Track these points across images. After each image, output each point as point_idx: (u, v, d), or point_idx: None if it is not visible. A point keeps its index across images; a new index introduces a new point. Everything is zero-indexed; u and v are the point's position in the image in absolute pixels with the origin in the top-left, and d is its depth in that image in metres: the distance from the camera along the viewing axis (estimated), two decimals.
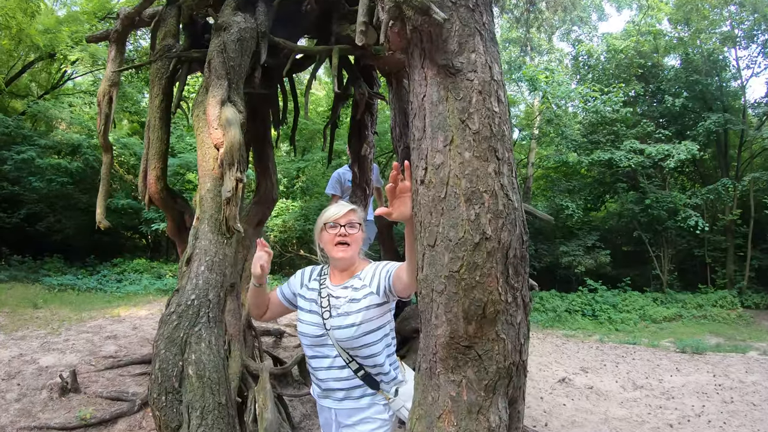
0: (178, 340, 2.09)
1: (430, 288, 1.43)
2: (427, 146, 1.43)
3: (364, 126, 4.49)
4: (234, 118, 2.49)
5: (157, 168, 3.79)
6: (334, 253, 2.03)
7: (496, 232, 1.37)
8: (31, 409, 4.47)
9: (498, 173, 1.39)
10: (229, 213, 2.32)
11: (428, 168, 1.42)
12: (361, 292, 2.02)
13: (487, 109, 1.41)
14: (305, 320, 2.03)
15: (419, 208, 1.47)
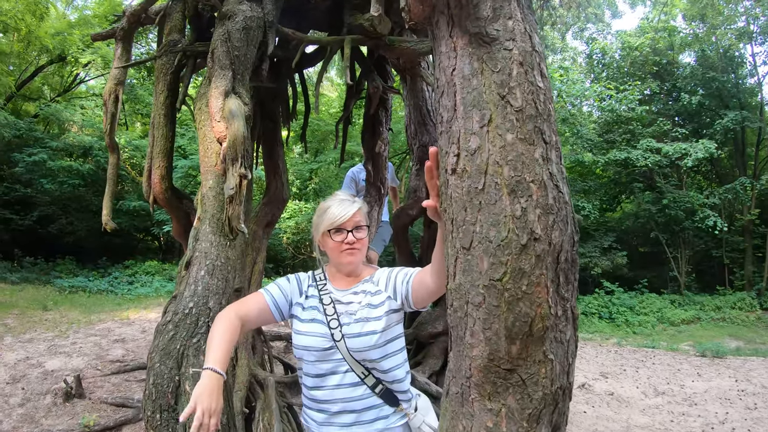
0: (175, 353, 1.88)
1: (465, 300, 1.19)
2: (459, 128, 1.19)
3: (378, 122, 4.27)
4: (238, 110, 2.29)
5: (162, 167, 3.64)
6: (341, 259, 1.81)
7: (546, 232, 1.14)
8: (35, 415, 4.36)
9: (546, 159, 1.16)
10: (232, 212, 2.12)
11: (461, 154, 1.18)
12: (378, 297, 1.81)
13: (530, 83, 1.18)
14: (307, 332, 1.75)
15: (450, 203, 1.23)
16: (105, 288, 11.18)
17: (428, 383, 4.68)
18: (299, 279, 1.89)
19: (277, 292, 1.81)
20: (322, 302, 1.80)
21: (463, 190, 1.18)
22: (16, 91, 13.31)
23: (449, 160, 1.22)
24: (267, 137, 4.42)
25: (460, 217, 1.19)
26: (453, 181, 1.21)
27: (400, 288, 1.79)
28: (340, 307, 1.80)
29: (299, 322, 1.79)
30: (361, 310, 1.77)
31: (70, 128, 14.75)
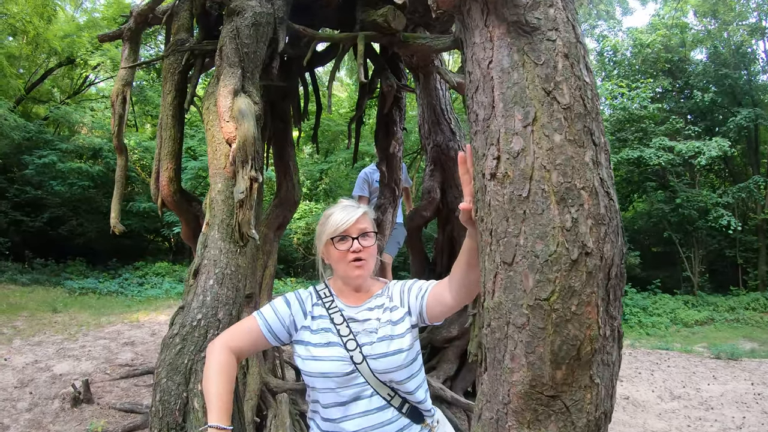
0: (182, 368, 1.77)
1: (505, 320, 1.07)
2: (499, 127, 1.07)
3: (392, 121, 4.14)
4: (248, 109, 2.17)
5: (170, 169, 3.54)
6: (349, 272, 1.64)
7: (598, 245, 1.01)
8: (42, 420, 4.31)
9: (596, 163, 1.03)
10: (242, 217, 2.00)
11: (502, 157, 1.05)
12: (397, 313, 1.67)
13: (576, 78, 1.05)
14: (324, 357, 1.56)
15: (488, 212, 1.10)
16: (115, 289, 11.16)
17: (443, 389, 4.56)
18: (300, 299, 1.70)
19: (272, 317, 1.63)
20: (333, 322, 1.62)
21: (504, 197, 1.05)
22: (25, 93, 13.36)
23: (487, 164, 1.09)
24: (277, 138, 4.31)
25: (501, 228, 1.06)
26: (492, 187, 1.08)
27: (415, 303, 1.66)
28: (355, 325, 1.63)
29: (312, 347, 1.60)
30: (383, 328, 1.62)
31: (80, 130, 14.78)
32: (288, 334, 1.64)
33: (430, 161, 4.99)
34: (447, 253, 5.09)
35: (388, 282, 1.80)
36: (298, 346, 1.63)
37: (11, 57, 12.61)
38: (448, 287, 1.58)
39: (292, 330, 1.64)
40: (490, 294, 1.11)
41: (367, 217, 1.70)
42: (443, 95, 5.09)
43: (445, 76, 2.60)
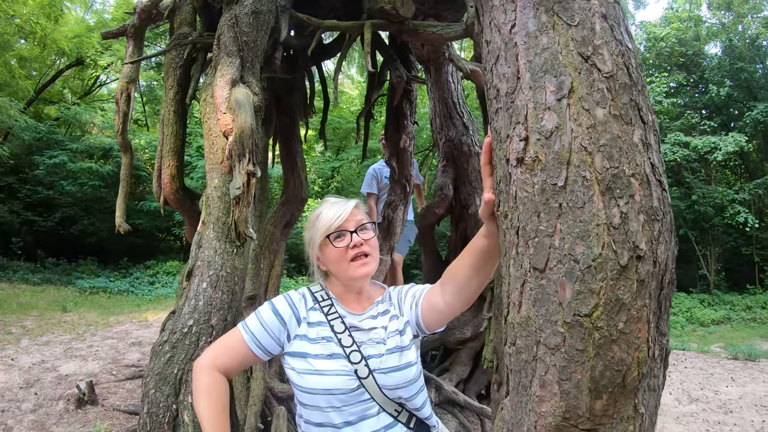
0: (171, 378, 1.61)
1: (535, 339, 0.88)
2: (526, 101, 0.88)
3: (402, 114, 3.97)
4: (245, 99, 2.02)
5: (172, 166, 3.44)
6: (352, 272, 1.44)
7: (651, 246, 0.83)
8: (46, 422, 4.22)
9: (646, 145, 0.85)
10: (238, 215, 1.84)
11: (531, 137, 0.87)
12: (401, 321, 1.48)
13: (618, 43, 0.87)
14: (327, 371, 1.36)
15: (514, 206, 0.92)
16: (126, 289, 11.14)
17: (455, 392, 4.41)
18: (292, 304, 1.48)
19: (259, 329, 1.42)
20: (334, 330, 1.42)
21: (535, 187, 0.86)
22: (35, 95, 13.41)
23: (513, 147, 0.90)
24: (284, 133, 4.18)
25: (530, 225, 0.87)
26: (519, 175, 0.89)
27: (410, 313, 1.48)
28: (358, 335, 1.43)
29: (313, 359, 1.39)
30: (392, 338, 1.43)
31: (90, 130, 14.83)
32: (279, 346, 1.44)
33: (443, 157, 4.83)
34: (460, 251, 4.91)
35: (387, 287, 1.62)
36: (293, 358, 1.42)
37: (22, 59, 12.66)
38: (441, 293, 1.41)
39: (284, 341, 1.44)
40: (516, 307, 0.92)
41: (360, 210, 1.53)
42: (455, 88, 4.92)
43: (458, 62, 2.43)
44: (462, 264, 1.33)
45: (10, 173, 12.98)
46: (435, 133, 4.99)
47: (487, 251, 1.25)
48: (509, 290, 0.96)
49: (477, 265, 1.29)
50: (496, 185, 1.02)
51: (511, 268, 0.95)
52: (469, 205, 4.71)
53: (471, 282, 1.33)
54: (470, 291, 1.36)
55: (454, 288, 1.37)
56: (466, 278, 1.33)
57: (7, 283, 10.21)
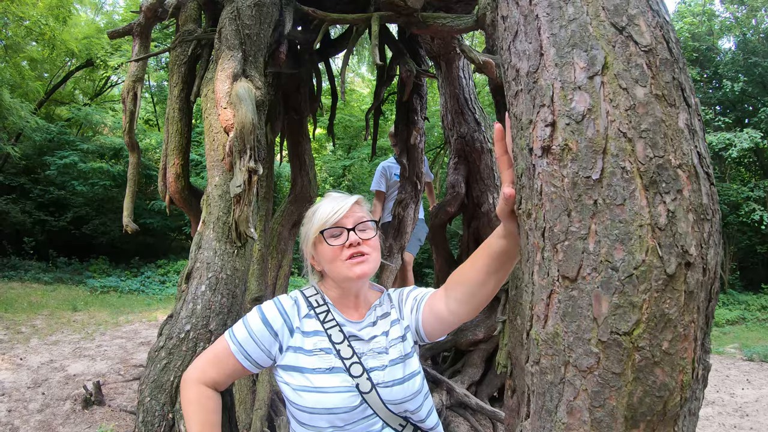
0: (167, 385, 1.53)
1: (563, 359, 0.77)
2: (552, 80, 0.77)
3: (413, 110, 3.85)
4: (246, 93, 1.92)
5: (177, 164, 3.38)
6: (347, 271, 1.30)
7: (700, 251, 0.71)
8: (52, 422, 4.19)
9: (692, 131, 0.74)
10: (239, 214, 1.75)
11: (558, 122, 0.75)
12: (402, 325, 1.37)
13: (654, 13, 0.75)
14: (329, 388, 1.23)
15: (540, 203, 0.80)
16: (136, 288, 11.16)
17: (467, 395, 4.30)
18: (284, 312, 1.33)
19: (247, 340, 1.29)
20: (332, 340, 1.29)
21: (564, 181, 0.74)
22: (45, 96, 13.49)
23: (537, 133, 0.77)
24: (292, 130, 4.08)
25: (559, 226, 0.75)
26: (546, 166, 0.77)
27: (410, 318, 1.36)
28: (359, 345, 1.31)
29: (310, 373, 1.25)
30: (395, 347, 1.31)
31: (101, 131, 14.90)
32: (270, 359, 1.31)
33: (454, 154, 4.70)
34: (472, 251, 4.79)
35: (385, 290, 1.49)
36: (287, 372, 1.29)
37: (33, 61, 12.75)
38: (445, 299, 1.29)
39: (275, 352, 1.31)
40: (541, 321, 0.80)
41: (361, 206, 1.39)
42: (467, 84, 4.80)
43: (470, 53, 2.31)
44: (473, 267, 1.20)
45: (22, 174, 13.08)
46: (446, 129, 4.87)
47: (504, 253, 1.12)
48: (533, 301, 0.84)
49: (491, 269, 1.16)
50: (517, 179, 0.90)
51: (536, 275, 0.83)
52: (482, 203, 4.58)
53: (483, 288, 1.20)
54: (481, 297, 1.23)
55: (463, 294, 1.24)
56: (478, 283, 1.20)
57: (18, 282, 10.27)
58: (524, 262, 0.89)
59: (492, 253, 1.14)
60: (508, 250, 1.11)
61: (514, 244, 1.08)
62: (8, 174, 12.73)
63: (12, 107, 10.18)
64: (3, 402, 4.41)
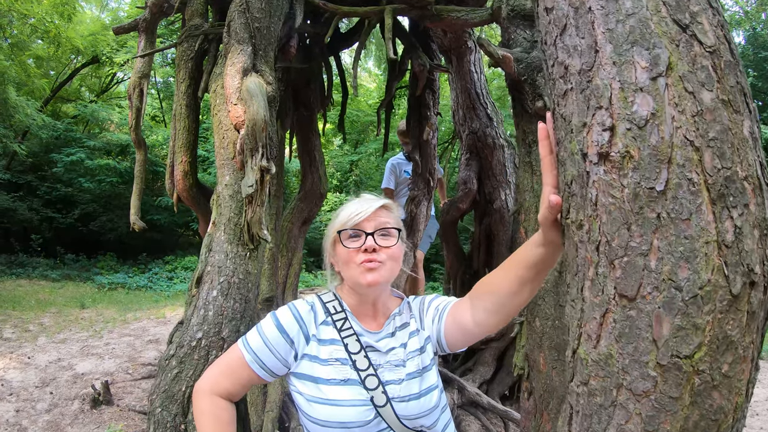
0: (179, 396, 1.47)
1: (616, 382, 0.71)
2: (609, 80, 0.70)
3: (425, 105, 3.77)
4: (258, 89, 1.86)
5: (185, 162, 3.34)
6: (360, 277, 1.25)
7: (763, 268, 0.66)
8: (60, 422, 4.17)
9: (754, 140, 0.68)
10: (251, 215, 1.69)
11: (618, 126, 0.69)
12: (422, 337, 1.31)
13: (714, 11, 0.69)
14: (342, 401, 1.19)
15: (595, 215, 0.73)
16: (144, 284, 11.17)
17: (479, 394, 4.25)
18: (300, 318, 1.29)
19: (262, 348, 1.25)
20: (348, 350, 1.24)
21: (624, 191, 0.67)
22: (52, 93, 13.49)
23: (592, 138, 0.70)
24: (301, 126, 4.02)
25: (618, 240, 0.68)
26: (603, 174, 0.71)
27: (431, 328, 1.30)
28: (375, 356, 1.25)
29: (324, 384, 1.21)
30: (412, 360, 1.26)
31: (108, 128, 14.90)
32: (285, 367, 1.27)
33: (466, 150, 4.62)
34: (484, 248, 4.73)
35: (405, 297, 1.43)
36: (300, 381, 1.25)
37: (39, 59, 12.73)
38: (471, 309, 1.22)
39: (290, 360, 1.26)
40: (592, 340, 0.75)
41: (389, 211, 1.32)
42: (478, 78, 4.71)
43: (488, 47, 2.23)
44: (505, 277, 1.13)
45: (29, 171, 13.11)
46: (457, 125, 4.78)
47: (541, 262, 1.05)
48: (582, 319, 0.77)
49: (525, 279, 1.09)
50: (565, 186, 0.83)
51: (587, 291, 0.76)
52: (494, 200, 4.51)
53: (515, 298, 1.13)
54: (512, 308, 1.16)
55: (492, 305, 1.17)
56: (509, 293, 1.13)
57: (26, 279, 10.30)
58: (572, 276, 0.82)
59: (527, 262, 1.07)
60: (546, 259, 1.04)
61: (553, 253, 1.02)
62: (15, 172, 12.76)
63: (18, 105, 10.16)
64: (11, 402, 4.39)
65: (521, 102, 2.53)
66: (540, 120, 2.43)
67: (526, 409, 2.51)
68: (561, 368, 2.28)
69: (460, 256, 5.00)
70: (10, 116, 10.50)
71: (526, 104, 2.47)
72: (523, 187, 2.57)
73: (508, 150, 4.57)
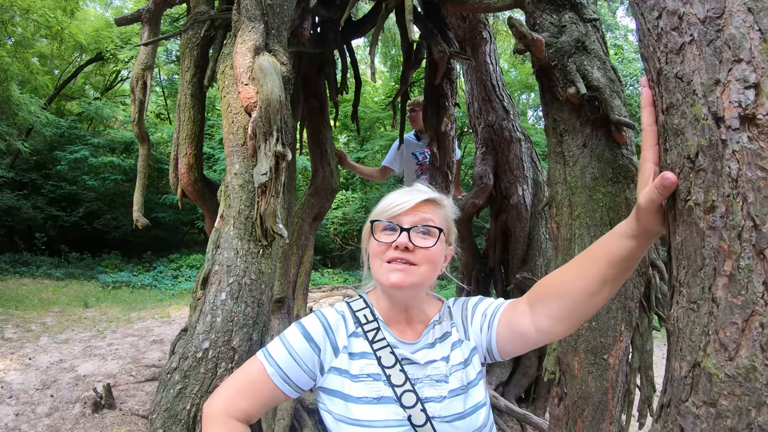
0: (183, 415, 1.26)
1: (757, 401, 0.55)
2: (747, 28, 0.55)
3: (443, 95, 3.57)
4: (272, 67, 1.65)
5: (190, 154, 3.17)
6: (383, 276, 1.09)
7: None
8: (61, 427, 4.03)
9: None
10: (265, 207, 1.48)
11: (763, 83, 0.53)
12: (465, 349, 1.13)
13: None
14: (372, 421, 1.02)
15: (734, 191, 0.59)
16: (149, 283, 11.03)
17: (496, 396, 4.08)
18: (328, 326, 1.13)
19: (288, 361, 1.09)
20: (382, 364, 1.07)
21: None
22: (56, 91, 13.39)
23: (728, 97, 0.56)
24: (312, 118, 3.81)
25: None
26: (747, 142, 0.56)
27: (479, 336, 1.12)
28: (413, 370, 1.08)
29: (354, 403, 1.04)
30: (455, 374, 1.08)
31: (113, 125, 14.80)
32: (312, 380, 1.11)
33: (482, 143, 4.43)
34: (500, 245, 4.54)
35: (444, 300, 1.24)
36: (329, 397, 1.09)
37: (43, 56, 12.61)
38: (531, 315, 1.04)
39: (318, 374, 1.10)
40: (728, 350, 0.59)
41: (437, 207, 1.13)
42: (494, 70, 4.52)
43: (520, 27, 2.03)
44: (581, 276, 0.94)
45: (33, 169, 13.02)
46: (472, 117, 4.59)
47: (629, 257, 0.86)
48: (716, 324, 0.59)
49: (609, 277, 0.90)
50: (683, 160, 0.65)
51: (721, 290, 0.59)
52: (511, 195, 4.31)
53: (593, 299, 0.94)
54: (586, 311, 0.97)
55: (561, 310, 0.98)
56: (586, 295, 0.93)
57: (30, 278, 10.17)
58: (691, 272, 0.65)
59: (613, 258, 0.88)
60: (636, 253, 0.85)
61: (645, 245, 0.83)
62: (19, 170, 12.66)
63: (21, 102, 10.05)
64: (11, 405, 4.24)
65: (551, 89, 2.35)
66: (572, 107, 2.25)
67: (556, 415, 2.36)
68: (598, 373, 2.14)
69: (476, 253, 4.81)
70: (14, 114, 10.39)
71: (557, 91, 2.29)
72: (555, 179, 2.37)
73: (525, 144, 4.37)
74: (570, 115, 2.23)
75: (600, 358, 2.13)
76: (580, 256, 0.97)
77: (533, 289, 1.07)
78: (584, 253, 0.96)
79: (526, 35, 2.14)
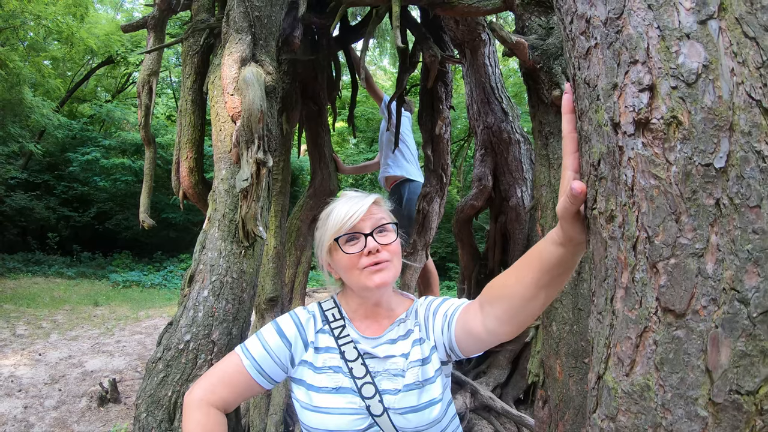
0: (165, 401, 1.36)
1: (653, 420, 0.56)
2: (645, 27, 0.56)
3: (437, 98, 3.62)
4: (254, 78, 1.74)
5: (190, 158, 3.25)
6: (365, 280, 1.17)
7: None
8: (67, 419, 4.15)
9: None
10: (246, 211, 1.58)
11: (658, 85, 0.54)
12: (426, 347, 1.20)
13: None
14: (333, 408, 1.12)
15: (630, 200, 0.58)
16: (158, 282, 11.21)
17: (492, 398, 4.10)
18: (299, 323, 1.24)
19: (262, 354, 1.18)
20: (345, 357, 1.17)
21: (672, 170, 0.53)
22: (67, 94, 13.63)
23: (624, 101, 0.56)
24: (310, 121, 3.91)
25: (663, 235, 0.54)
26: (641, 149, 0.56)
27: (440, 336, 1.18)
28: (373, 363, 1.18)
29: (315, 392, 1.15)
30: (412, 370, 1.16)
31: (124, 127, 15.03)
32: (284, 372, 1.21)
33: (481, 145, 4.47)
34: (500, 247, 4.58)
35: (415, 299, 1.32)
36: (297, 386, 1.19)
37: (55, 60, 12.86)
38: (481, 316, 1.08)
39: (288, 366, 1.21)
40: (624, 366, 0.60)
41: (381, 206, 1.24)
42: (493, 72, 4.56)
43: (500, 32, 2.09)
44: (519, 281, 0.98)
45: (46, 170, 13.29)
46: (472, 119, 4.63)
47: (560, 264, 0.90)
48: (612, 338, 0.61)
49: (542, 283, 0.94)
50: (590, 168, 0.67)
51: (619, 302, 0.61)
52: (510, 197, 4.35)
53: (530, 304, 0.98)
54: (527, 315, 1.01)
55: (504, 312, 1.03)
56: (524, 299, 0.98)
57: (42, 277, 10.40)
58: (598, 282, 0.66)
59: (544, 264, 0.92)
60: (566, 260, 0.89)
61: (574, 253, 0.87)
62: (32, 171, 12.93)
63: (34, 105, 10.27)
64: (20, 398, 4.39)
65: (537, 92, 2.38)
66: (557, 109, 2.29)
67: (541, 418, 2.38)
68: (579, 376, 2.15)
69: (475, 255, 4.85)
70: (27, 116, 10.62)
71: (542, 94, 2.32)
72: (540, 182, 2.41)
73: (524, 145, 4.41)
74: (556, 117, 2.21)
75: (581, 362, 2.11)
76: (519, 260, 1.01)
77: (483, 291, 1.11)
78: (522, 258, 1.00)
79: (506, 39, 2.20)
